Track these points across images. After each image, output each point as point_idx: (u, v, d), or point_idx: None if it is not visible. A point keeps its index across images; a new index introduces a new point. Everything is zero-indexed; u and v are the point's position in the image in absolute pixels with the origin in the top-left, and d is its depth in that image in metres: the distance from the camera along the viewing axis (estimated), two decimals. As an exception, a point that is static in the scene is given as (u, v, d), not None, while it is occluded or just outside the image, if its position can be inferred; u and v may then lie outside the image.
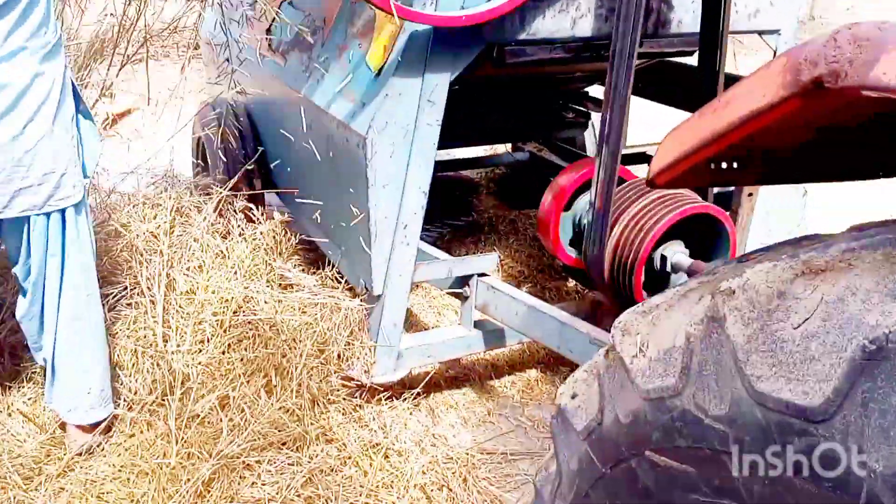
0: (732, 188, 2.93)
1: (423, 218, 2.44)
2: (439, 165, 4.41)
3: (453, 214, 4.49)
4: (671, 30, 2.60)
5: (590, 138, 4.35)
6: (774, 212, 3.03)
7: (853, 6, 12.63)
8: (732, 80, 2.82)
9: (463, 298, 2.71)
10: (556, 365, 3.12)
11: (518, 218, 3.65)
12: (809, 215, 4.46)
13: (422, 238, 3.58)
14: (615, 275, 2.55)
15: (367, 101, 2.34)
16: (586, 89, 4.10)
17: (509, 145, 4.61)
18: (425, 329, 3.24)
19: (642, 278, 2.50)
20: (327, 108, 2.53)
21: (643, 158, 3.45)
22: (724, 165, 1.05)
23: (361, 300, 2.54)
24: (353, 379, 2.54)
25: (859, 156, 1.10)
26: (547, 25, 2.35)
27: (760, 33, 2.84)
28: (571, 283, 3.41)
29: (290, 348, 2.54)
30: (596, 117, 4.13)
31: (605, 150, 2.42)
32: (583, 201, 2.85)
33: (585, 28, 2.42)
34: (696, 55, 3.18)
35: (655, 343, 0.94)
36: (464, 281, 2.67)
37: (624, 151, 2.46)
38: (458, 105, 3.74)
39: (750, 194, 2.85)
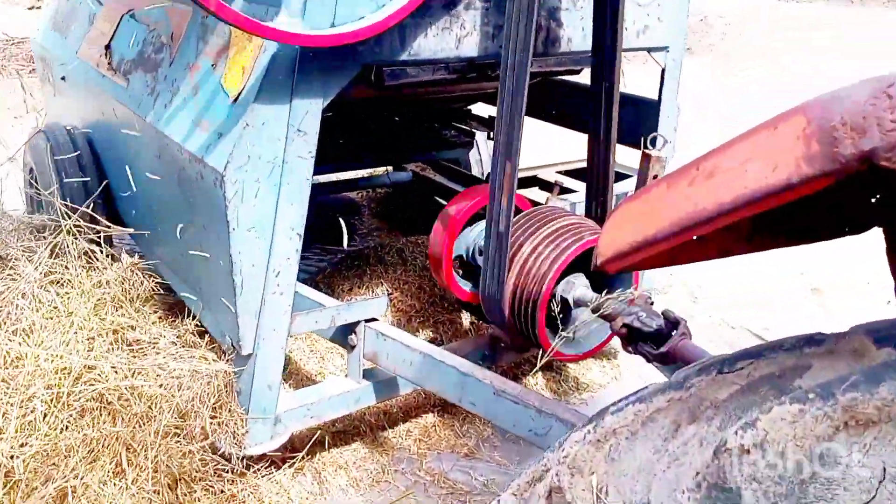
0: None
1: (298, 263, 2.12)
2: (314, 188, 4.09)
3: (334, 240, 4.16)
4: (560, 48, 2.41)
5: (474, 157, 4.16)
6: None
7: (706, 17, 13.28)
8: (626, 98, 2.69)
9: (349, 348, 2.40)
10: (455, 407, 2.87)
11: (405, 246, 3.39)
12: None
13: (299, 272, 3.26)
14: (516, 313, 2.33)
15: (223, 131, 1.99)
16: (469, 107, 3.90)
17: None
18: (307, 378, 2.90)
19: (545, 317, 2.29)
20: (176, 139, 2.16)
21: (533, 182, 3.27)
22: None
23: (228, 361, 2.18)
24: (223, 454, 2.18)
25: (821, 214, 0.91)
26: (429, 45, 2.09)
27: (649, 50, 2.72)
28: (466, 315, 3.18)
29: (144, 421, 2.14)
30: (480, 136, 3.95)
31: (500, 180, 2.20)
32: (476, 231, 2.62)
33: (471, 47, 2.19)
34: (581, 74, 3.05)
35: (619, 489, 0.70)
36: (350, 328, 2.37)
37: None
38: (330, 126, 3.45)
39: (647, 218, 2.72)
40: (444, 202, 3.87)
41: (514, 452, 2.69)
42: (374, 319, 2.39)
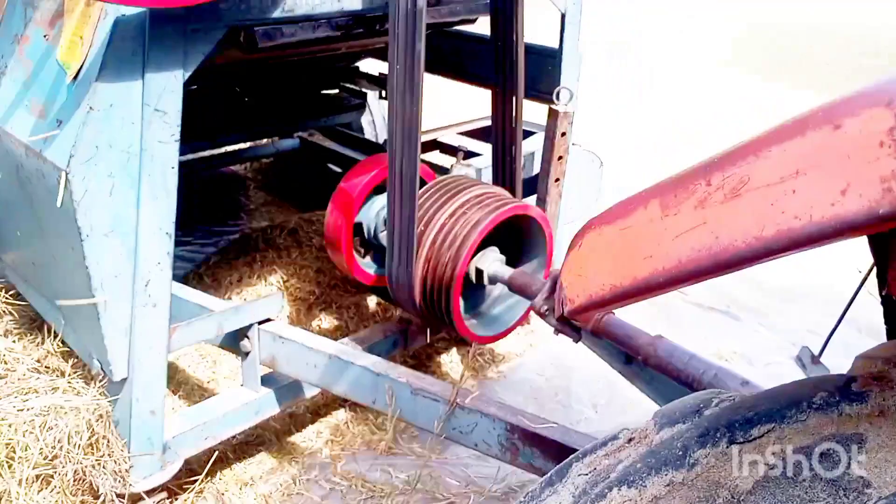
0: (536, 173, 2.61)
1: (171, 266, 1.81)
2: (195, 164, 3.69)
3: (219, 219, 3.80)
4: (455, -4, 2.17)
5: (366, 119, 3.86)
6: (574, 189, 2.77)
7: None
8: (531, 50, 2.47)
9: (243, 354, 2.12)
10: (367, 399, 2.65)
11: (299, 225, 3.08)
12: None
13: (181, 261, 2.90)
14: (428, 296, 2.11)
15: (63, 117, 1.64)
16: (357, 64, 3.59)
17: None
18: (199, 387, 2.60)
19: (461, 300, 2.09)
20: (9, 129, 1.78)
21: (434, 146, 3.02)
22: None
23: (100, 388, 1.86)
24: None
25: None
26: (306, -1, 1.80)
27: (549, -5, 2.51)
28: (372, 297, 2.94)
29: (6, 470, 1.81)
30: (371, 97, 3.66)
31: (400, 152, 1.95)
32: (376, 207, 2.37)
33: (355, 0, 1.90)
34: (475, 23, 2.81)
35: None
36: (241, 333, 2.09)
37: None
38: (205, 96, 3.07)
39: (557, 180, 2.55)
40: (337, 169, 3.59)
41: (435, 442, 2.50)
42: (268, 320, 2.11)
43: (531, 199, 2.58)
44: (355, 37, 2.31)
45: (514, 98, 2.26)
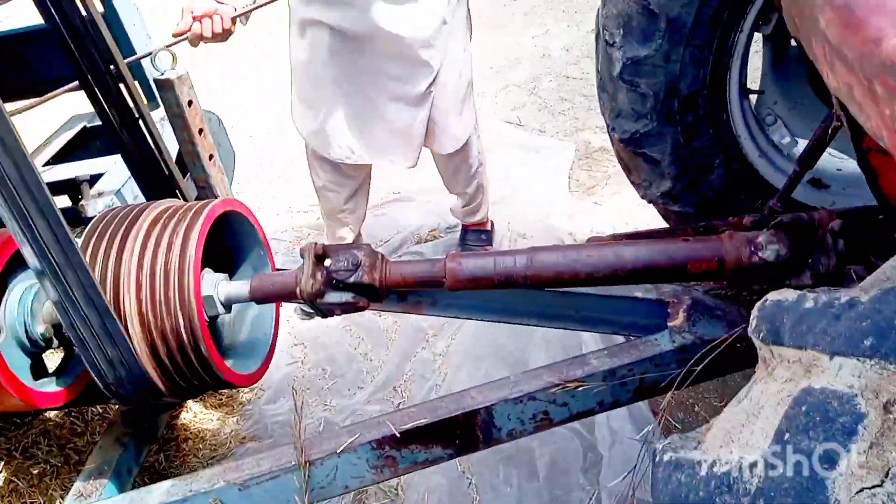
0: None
1: None
2: None
3: None
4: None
5: None
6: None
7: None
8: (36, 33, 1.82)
9: None
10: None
11: None
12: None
13: None
14: (169, 364, 1.57)
15: None
16: None
17: None
18: None
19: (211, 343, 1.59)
20: None
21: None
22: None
23: None
24: None
25: None
26: None
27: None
28: (53, 412, 2.17)
29: None
30: None
31: (22, 213, 1.34)
32: (12, 303, 1.67)
33: None
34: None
35: None
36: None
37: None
38: None
39: (211, 156, 2.08)
40: None
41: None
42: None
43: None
44: None
45: (122, 85, 1.71)
